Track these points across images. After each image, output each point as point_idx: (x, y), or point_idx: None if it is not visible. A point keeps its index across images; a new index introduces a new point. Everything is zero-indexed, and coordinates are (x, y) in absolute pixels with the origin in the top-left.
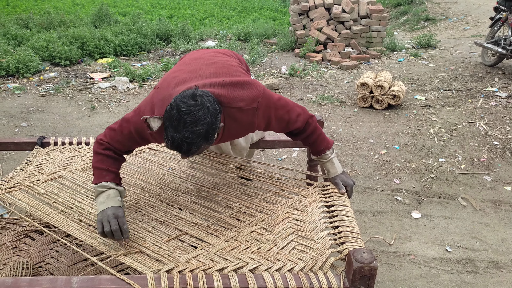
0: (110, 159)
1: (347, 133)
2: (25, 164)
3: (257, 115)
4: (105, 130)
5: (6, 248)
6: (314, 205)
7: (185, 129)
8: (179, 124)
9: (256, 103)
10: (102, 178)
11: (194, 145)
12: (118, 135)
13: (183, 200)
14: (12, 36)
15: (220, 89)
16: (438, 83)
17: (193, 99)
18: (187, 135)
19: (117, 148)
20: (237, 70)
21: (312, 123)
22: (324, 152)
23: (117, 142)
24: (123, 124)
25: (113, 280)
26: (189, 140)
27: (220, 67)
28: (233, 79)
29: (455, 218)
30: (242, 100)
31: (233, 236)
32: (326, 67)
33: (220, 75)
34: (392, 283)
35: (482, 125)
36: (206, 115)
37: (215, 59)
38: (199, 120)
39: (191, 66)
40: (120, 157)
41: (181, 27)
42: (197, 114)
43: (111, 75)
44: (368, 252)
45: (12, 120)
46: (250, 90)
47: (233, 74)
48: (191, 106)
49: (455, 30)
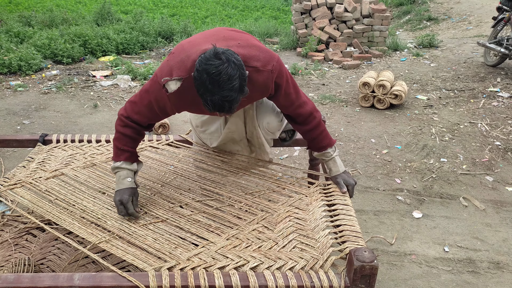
0: (126, 137)
1: (348, 133)
2: (27, 161)
3: (271, 78)
4: (126, 104)
5: (8, 245)
6: (315, 204)
7: (222, 90)
8: (214, 87)
9: (271, 66)
10: (117, 157)
11: (235, 101)
12: (139, 106)
13: (184, 198)
14: (14, 33)
15: (237, 49)
16: (440, 83)
17: (218, 58)
18: (226, 93)
19: (137, 121)
20: (253, 37)
21: (316, 117)
22: (325, 149)
23: (138, 113)
24: (143, 95)
25: (115, 277)
26: (229, 98)
27: (235, 32)
28: (250, 42)
29: (456, 218)
30: (258, 60)
31: (234, 235)
32: (328, 66)
33: (236, 39)
34: (392, 282)
35: (484, 125)
36: (235, 70)
37: (231, 29)
38: (232, 76)
39: (206, 33)
40: (139, 135)
41: (183, 25)
42: (228, 71)
43: (113, 73)
44: (369, 251)
45: (14, 118)
46: (265, 53)
47: (248, 38)
48: (219, 66)
49: (458, 30)
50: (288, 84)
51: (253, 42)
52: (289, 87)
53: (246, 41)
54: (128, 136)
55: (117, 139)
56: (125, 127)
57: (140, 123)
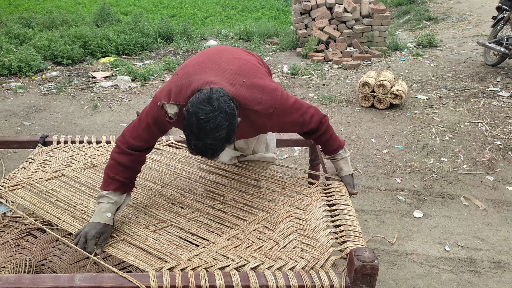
0: (120, 166)
1: (349, 133)
2: (27, 162)
3: (271, 120)
4: (123, 131)
5: (9, 246)
6: (316, 204)
7: (207, 137)
8: (200, 132)
9: (273, 109)
10: (106, 186)
11: (218, 149)
12: (137, 131)
13: (185, 198)
14: (14, 35)
15: (239, 89)
16: (440, 83)
17: (210, 104)
18: (210, 141)
19: (135, 147)
20: (259, 71)
21: (325, 123)
22: (337, 152)
23: (136, 138)
24: (142, 118)
25: (115, 278)
26: (212, 146)
27: (243, 64)
28: (254, 81)
29: (457, 218)
30: (259, 103)
31: (235, 235)
32: (328, 67)
33: (242, 74)
34: (393, 282)
35: (484, 124)
36: (225, 119)
37: (239, 54)
38: (219, 126)
39: (214, 56)
40: (136, 163)
41: (183, 26)
42: (217, 120)
43: (113, 74)
44: (369, 251)
45: (14, 119)
46: (269, 95)
47: (254, 75)
48: (209, 113)
49: (457, 29)
50: (292, 114)
51: (257, 81)
52: (293, 116)
53: (253, 77)
54: (122, 164)
55: (110, 167)
56: (121, 154)
57: (139, 148)
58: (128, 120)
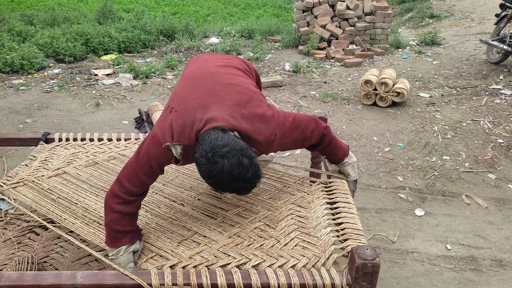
0: (127, 216)
1: (350, 131)
2: (29, 160)
3: (272, 145)
4: (120, 180)
5: (11, 243)
6: (317, 202)
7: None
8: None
9: (273, 136)
10: (116, 242)
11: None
12: (137, 175)
13: (186, 196)
14: (16, 32)
15: (241, 122)
16: (442, 81)
17: (214, 162)
18: (248, 176)
19: (137, 192)
20: (256, 97)
21: (327, 135)
22: (342, 160)
23: (137, 184)
24: (140, 162)
25: (117, 275)
26: (252, 176)
27: (240, 92)
28: (253, 111)
29: (458, 216)
30: (261, 134)
31: (236, 233)
32: (330, 64)
33: (242, 105)
34: (395, 280)
35: (487, 122)
36: (234, 156)
37: (233, 79)
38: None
39: (207, 84)
40: (138, 208)
41: (185, 23)
42: (231, 164)
43: (115, 72)
44: (371, 249)
45: (16, 116)
46: (268, 124)
47: (252, 104)
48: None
49: (460, 27)
50: (292, 134)
51: (256, 111)
52: (293, 135)
53: (251, 106)
54: (130, 213)
55: (115, 221)
56: (125, 204)
57: (141, 192)
58: (129, 117)
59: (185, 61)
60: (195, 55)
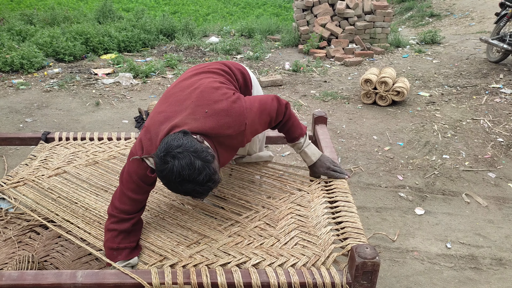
0: (122, 234)
1: (350, 130)
2: (29, 159)
3: (245, 135)
4: (111, 201)
5: (12, 242)
6: (317, 200)
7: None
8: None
9: (244, 126)
10: (114, 258)
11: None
12: (125, 194)
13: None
14: (16, 32)
15: (204, 122)
16: (442, 80)
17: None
18: (200, 179)
19: (130, 210)
20: (219, 92)
21: (287, 110)
22: (298, 140)
23: (127, 202)
24: (125, 182)
25: (117, 274)
26: (206, 179)
27: (201, 92)
28: (217, 108)
29: (458, 215)
30: (229, 127)
31: (236, 232)
32: (330, 63)
33: (203, 105)
34: (395, 279)
35: (487, 121)
36: (185, 157)
37: (196, 83)
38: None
39: (176, 96)
40: (136, 226)
41: (185, 23)
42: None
43: (115, 71)
44: (371, 248)
45: (16, 116)
46: (235, 116)
47: (215, 100)
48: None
49: (460, 26)
50: (261, 117)
51: (219, 106)
52: (262, 119)
53: (214, 102)
54: (124, 231)
55: (110, 240)
56: (119, 223)
57: (135, 210)
58: (129, 117)
59: (185, 60)
60: (195, 54)
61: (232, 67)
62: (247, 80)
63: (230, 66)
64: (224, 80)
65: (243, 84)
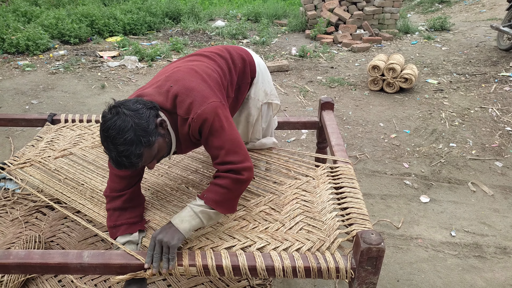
0: (116, 211)
1: (356, 116)
2: (36, 140)
3: (191, 129)
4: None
5: (19, 222)
6: (323, 186)
7: (115, 145)
8: (108, 143)
9: (193, 114)
10: (113, 235)
11: (133, 155)
12: (111, 173)
13: (192, 179)
14: (21, 13)
15: (164, 96)
16: (451, 67)
17: (109, 113)
18: (121, 148)
19: (119, 188)
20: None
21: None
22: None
23: (115, 180)
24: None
25: (123, 255)
26: (124, 153)
27: (177, 70)
28: (182, 84)
29: (464, 203)
30: (180, 108)
31: (241, 216)
32: (337, 49)
33: (171, 80)
34: (398, 265)
35: (495, 110)
36: (126, 121)
37: (186, 63)
38: (122, 129)
39: (161, 70)
40: (132, 202)
41: (191, 6)
42: (116, 124)
43: (120, 54)
44: (376, 234)
45: (22, 97)
46: (191, 98)
47: (186, 78)
48: (108, 121)
49: (470, 13)
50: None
51: (185, 84)
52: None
53: (182, 81)
54: (118, 208)
55: (108, 218)
56: (112, 201)
57: (126, 187)
58: None
59: (191, 44)
60: (201, 38)
61: (232, 52)
62: (247, 66)
63: (230, 51)
64: (212, 66)
65: (242, 70)
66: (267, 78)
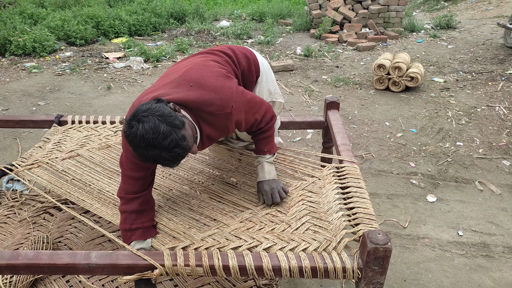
0: (132, 214)
1: (362, 116)
2: (43, 142)
3: (231, 120)
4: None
5: (27, 223)
6: (329, 186)
7: (159, 145)
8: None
9: (229, 108)
10: (127, 239)
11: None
12: (126, 174)
13: (197, 180)
14: (28, 15)
15: (187, 94)
16: (457, 65)
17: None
18: (165, 143)
19: (135, 190)
20: (211, 70)
21: (272, 121)
22: (265, 154)
23: (129, 182)
24: (124, 159)
25: (131, 256)
26: (172, 144)
27: (190, 68)
28: (202, 82)
29: (471, 203)
30: (212, 104)
31: (247, 218)
32: (342, 48)
33: (188, 78)
34: (405, 265)
35: (502, 108)
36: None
37: (192, 62)
38: (152, 129)
39: (167, 74)
40: (147, 204)
41: (195, 6)
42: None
43: (126, 55)
44: (383, 234)
45: (29, 99)
46: (221, 94)
47: (203, 75)
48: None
49: (477, 10)
50: (248, 113)
51: (207, 81)
52: (248, 115)
53: (202, 78)
54: (134, 211)
55: (123, 221)
56: (128, 203)
57: (141, 189)
58: None
59: (196, 44)
60: (206, 38)
61: (236, 51)
62: (252, 64)
63: (234, 50)
64: (219, 60)
65: (247, 68)
66: (271, 77)
